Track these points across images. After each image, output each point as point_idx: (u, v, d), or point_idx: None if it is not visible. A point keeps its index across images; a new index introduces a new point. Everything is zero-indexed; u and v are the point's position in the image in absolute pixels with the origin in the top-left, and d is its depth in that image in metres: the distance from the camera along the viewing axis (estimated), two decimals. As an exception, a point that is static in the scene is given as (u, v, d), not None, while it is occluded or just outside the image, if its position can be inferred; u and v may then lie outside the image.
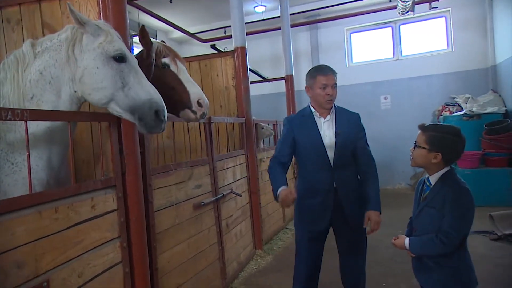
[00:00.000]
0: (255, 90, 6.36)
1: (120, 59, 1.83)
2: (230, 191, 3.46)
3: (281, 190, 2.20)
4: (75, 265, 1.70)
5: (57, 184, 1.94)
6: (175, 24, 7.00)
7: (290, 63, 6.19)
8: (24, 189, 1.75)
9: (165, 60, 2.39)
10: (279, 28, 6.79)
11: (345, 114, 2.45)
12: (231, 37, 8.16)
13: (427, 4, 6.78)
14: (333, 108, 2.43)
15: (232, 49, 4.30)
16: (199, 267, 2.88)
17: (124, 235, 2.05)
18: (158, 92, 1.90)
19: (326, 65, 2.44)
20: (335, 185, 2.34)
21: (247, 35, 4.41)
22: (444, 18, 7.40)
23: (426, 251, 1.87)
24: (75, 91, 1.87)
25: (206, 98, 2.41)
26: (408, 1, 6.03)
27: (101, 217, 1.90)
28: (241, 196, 3.72)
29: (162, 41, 2.84)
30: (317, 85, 2.37)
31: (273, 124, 5.41)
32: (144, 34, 2.37)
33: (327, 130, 2.39)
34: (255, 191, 4.16)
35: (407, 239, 1.92)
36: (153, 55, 2.36)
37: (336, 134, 2.35)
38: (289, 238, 4.79)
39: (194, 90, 2.40)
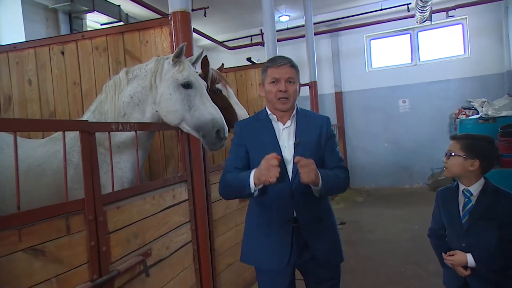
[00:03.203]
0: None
1: (187, 85, 2.18)
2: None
3: (255, 170, 1.66)
4: (165, 240, 2.23)
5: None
6: (207, 35, 7.58)
7: (314, 70, 6.65)
8: (115, 185, 2.19)
9: (218, 86, 2.97)
10: (302, 36, 7.28)
11: (308, 119, 1.92)
12: (257, 45, 8.66)
13: (444, 12, 7.14)
14: (294, 112, 1.90)
15: (265, 61, 4.79)
16: (243, 251, 3.39)
17: (193, 220, 2.58)
18: (220, 112, 2.22)
19: (282, 56, 1.90)
20: (295, 214, 1.82)
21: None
22: (461, 25, 7.73)
23: (497, 265, 1.78)
24: (156, 111, 2.29)
25: None
26: (426, 11, 6.43)
27: (178, 204, 2.43)
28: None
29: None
30: (268, 80, 1.84)
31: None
32: (206, 63, 2.93)
33: (286, 139, 1.86)
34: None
35: (469, 255, 1.78)
36: (209, 82, 2.91)
37: (295, 144, 1.82)
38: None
39: (241, 112, 2.98)
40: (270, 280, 1.91)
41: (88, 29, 6.09)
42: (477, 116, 6.68)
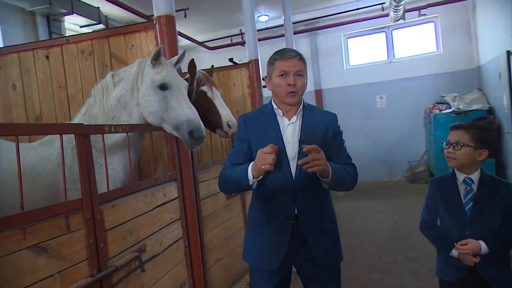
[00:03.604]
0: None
1: (163, 87, 2.22)
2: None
3: (253, 162, 1.66)
4: (158, 237, 2.32)
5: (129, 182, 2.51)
6: (187, 35, 7.61)
7: (293, 69, 6.79)
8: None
9: (204, 88, 3.05)
10: (281, 35, 7.41)
11: (315, 115, 1.87)
12: (237, 45, 8.75)
13: (417, 11, 7.43)
14: (300, 107, 1.85)
15: (246, 61, 4.90)
16: (232, 246, 3.50)
17: (183, 217, 2.67)
18: (196, 113, 2.24)
19: (290, 48, 1.85)
20: (296, 211, 1.78)
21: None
22: (433, 23, 8.05)
23: (502, 252, 1.84)
24: (141, 113, 2.34)
25: (234, 120, 3.01)
26: (399, 10, 6.69)
27: (169, 202, 2.51)
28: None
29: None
30: (276, 73, 1.79)
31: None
32: (192, 67, 3.01)
33: (291, 135, 1.81)
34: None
35: (482, 242, 1.78)
36: (195, 84, 3.00)
37: (300, 141, 1.76)
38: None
39: (225, 114, 3.03)
40: (262, 276, 1.87)
41: (67, 31, 6.05)
42: (450, 110, 7.01)
